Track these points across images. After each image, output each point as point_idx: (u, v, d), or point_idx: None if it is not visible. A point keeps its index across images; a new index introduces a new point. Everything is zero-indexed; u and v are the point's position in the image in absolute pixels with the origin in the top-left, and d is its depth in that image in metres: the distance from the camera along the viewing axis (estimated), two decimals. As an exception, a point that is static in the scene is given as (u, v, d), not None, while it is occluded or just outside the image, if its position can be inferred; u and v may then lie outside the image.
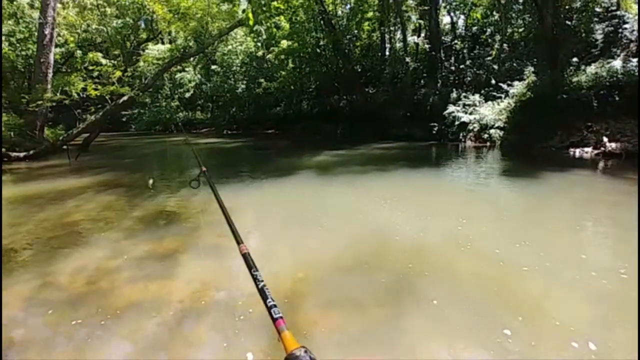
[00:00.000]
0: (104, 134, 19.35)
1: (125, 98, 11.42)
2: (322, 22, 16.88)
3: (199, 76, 26.05)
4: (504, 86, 11.85)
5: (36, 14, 11.78)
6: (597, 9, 11.30)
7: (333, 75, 18.79)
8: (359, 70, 18.93)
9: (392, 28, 17.65)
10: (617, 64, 9.31)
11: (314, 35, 17.62)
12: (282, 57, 18.75)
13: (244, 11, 7.05)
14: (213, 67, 24.26)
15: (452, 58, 16.68)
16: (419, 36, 17.27)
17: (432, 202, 4.90)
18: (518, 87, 11.18)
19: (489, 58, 14.85)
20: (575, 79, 9.71)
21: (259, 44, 21.56)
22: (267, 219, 4.32)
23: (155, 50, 16.97)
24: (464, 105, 12.76)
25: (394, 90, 16.44)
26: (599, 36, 10.76)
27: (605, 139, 8.53)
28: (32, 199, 5.38)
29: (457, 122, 12.49)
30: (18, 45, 13.28)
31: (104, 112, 11.39)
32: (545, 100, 9.92)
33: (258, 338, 1.94)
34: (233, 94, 23.40)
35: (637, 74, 8.82)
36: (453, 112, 12.69)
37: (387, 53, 18.00)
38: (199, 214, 4.40)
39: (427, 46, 15.91)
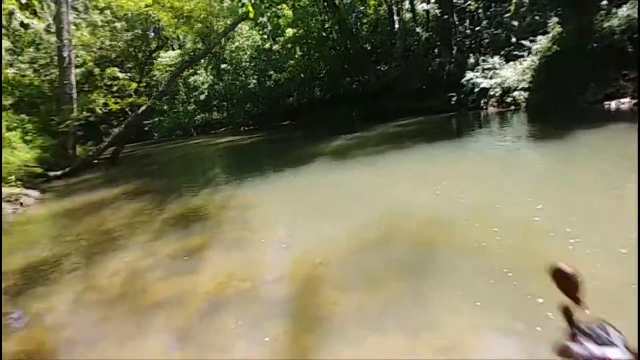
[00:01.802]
0: (129, 145, 20.27)
1: (143, 108, 11.86)
2: (325, 3, 16.44)
3: (211, 77, 26.43)
4: (527, 43, 11.03)
5: (53, 39, 12.39)
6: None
7: (342, 57, 18.35)
8: (369, 48, 18.34)
9: (398, -1, 16.85)
10: (654, 0, 8.33)
11: (319, 19, 17.22)
12: (289, 46, 18.53)
13: (243, 5, 6.98)
14: (223, 66, 24.48)
15: (467, 21, 15.70)
16: (428, 3, 16.36)
17: (454, 176, 4.72)
18: (542, 42, 10.36)
19: (507, 15, 13.82)
20: (606, 24, 8.83)
21: (265, 36, 21.43)
22: (289, 209, 4.37)
23: (167, 57, 17.36)
24: (484, 70, 12.05)
25: (407, 64, 15.81)
26: (631, -28, 9.65)
27: (645, 86, 7.75)
28: (72, 212, 5.78)
29: (477, 89, 11.85)
30: (42, 70, 14.08)
31: (126, 124, 11.92)
32: (574, 52, 9.12)
33: (282, 321, 1.99)
34: (245, 90, 23.56)
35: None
36: (472, 79, 12.04)
37: (397, 26, 17.25)
38: (221, 211, 4.54)
39: (438, 12, 15.05)
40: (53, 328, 2.30)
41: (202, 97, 26.57)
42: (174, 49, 23.71)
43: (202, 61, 23.41)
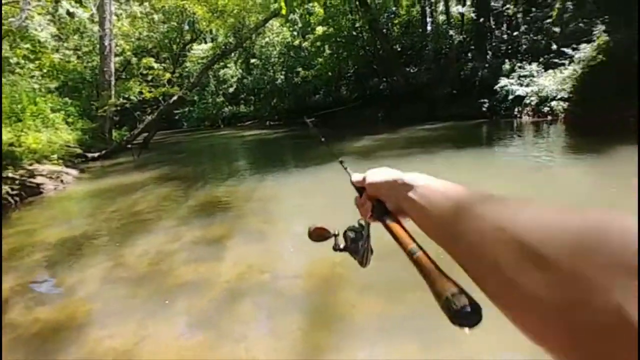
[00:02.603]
0: (160, 132, 21.07)
1: (175, 97, 12.32)
2: (357, 2, 16.32)
3: (240, 71, 27.01)
4: (569, 51, 10.46)
5: (96, 28, 13.09)
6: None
7: (371, 57, 18.18)
8: (399, 49, 18.05)
9: (432, 0, 16.47)
10: None
11: (350, 18, 17.14)
12: (318, 43, 18.58)
13: (275, 0, 7.09)
14: (253, 60, 24.95)
15: (504, 25, 15.09)
16: (464, 5, 15.89)
17: (480, 185, 4.58)
18: (586, 51, 9.79)
19: (548, 21, 13.16)
20: (660, 35, 8.20)
21: (295, 33, 21.60)
22: (308, 205, 4.41)
23: (199, 50, 17.87)
24: (519, 76, 11.57)
25: (437, 67, 15.44)
26: (694, -22, 8.90)
27: (701, 103, 7.15)
28: (105, 192, 6.12)
29: (510, 96, 11.40)
30: (84, 57, 14.94)
31: (158, 112, 12.42)
32: (620, 63, 8.55)
33: (298, 316, 2.03)
34: (273, 85, 23.90)
35: None
36: (506, 85, 11.59)
37: (429, 28, 16.88)
38: (243, 201, 4.65)
39: (473, 15, 14.59)
40: (85, 299, 2.46)
41: (231, 90, 27.25)
42: (206, 42, 24.38)
43: (232, 55, 23.96)
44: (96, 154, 10.53)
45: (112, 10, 12.44)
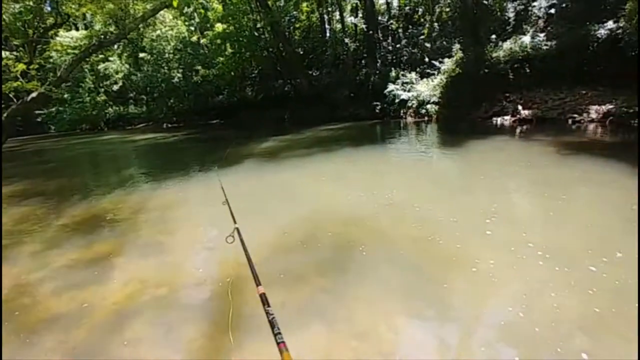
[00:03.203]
0: (15, 138, 16.85)
1: (34, 95, 9.94)
2: (257, 3, 16.20)
3: (126, 66, 23.63)
4: (436, 63, 12.63)
5: None
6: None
7: (275, 59, 18.31)
8: (301, 53, 18.68)
9: (329, 9, 17.60)
10: (526, 39, 10.42)
11: (251, 17, 16.88)
12: (219, 41, 17.71)
13: (164, -9, 6.46)
14: (142, 55, 22.13)
15: (389, 38, 17.22)
16: (356, 17, 17.47)
17: (374, 178, 5.16)
18: (448, 64, 11.99)
19: (422, 37, 15.61)
20: (495, 54, 10.69)
21: (192, 28, 20.11)
22: (213, 209, 4.18)
23: (68, 37, 14.91)
24: (403, 83, 13.37)
25: (336, 71, 16.58)
26: (511, 14, 11.89)
27: (519, 107, 9.63)
28: None
29: (397, 100, 13.09)
30: None
31: (8, 112, 9.82)
32: (471, 75, 10.81)
33: (201, 324, 1.93)
34: (168, 84, 21.66)
35: (543, 47, 9.99)
36: (393, 90, 13.25)
37: (328, 35, 17.98)
38: (135, 213, 4.11)
39: (364, 26, 16.19)
40: None
41: (115, 87, 23.61)
42: (77, 29, 20.53)
43: (115, 47, 20.84)
44: None
45: None
